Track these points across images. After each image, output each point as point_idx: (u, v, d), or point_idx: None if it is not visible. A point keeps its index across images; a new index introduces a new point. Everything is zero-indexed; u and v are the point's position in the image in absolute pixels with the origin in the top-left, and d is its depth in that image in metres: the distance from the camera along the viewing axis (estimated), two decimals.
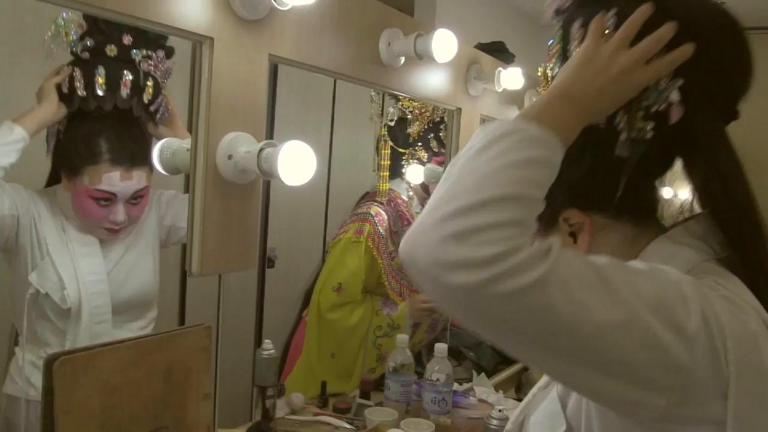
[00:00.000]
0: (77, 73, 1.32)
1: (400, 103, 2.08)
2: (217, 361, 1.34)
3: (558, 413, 0.79)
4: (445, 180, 0.64)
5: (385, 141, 1.97)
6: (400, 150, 2.09)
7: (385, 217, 2.05)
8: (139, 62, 1.36)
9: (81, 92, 1.33)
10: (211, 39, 1.18)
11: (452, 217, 0.59)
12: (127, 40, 1.34)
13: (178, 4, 1.12)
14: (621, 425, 0.71)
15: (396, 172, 2.09)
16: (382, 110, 2.03)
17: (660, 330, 0.61)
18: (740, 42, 0.79)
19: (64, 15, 1.30)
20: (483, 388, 1.96)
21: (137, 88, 1.37)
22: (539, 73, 1.72)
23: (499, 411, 1.54)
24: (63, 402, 1.05)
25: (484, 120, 2.23)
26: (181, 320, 1.69)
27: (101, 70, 1.33)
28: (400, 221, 2.10)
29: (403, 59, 1.67)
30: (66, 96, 1.34)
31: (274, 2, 1.20)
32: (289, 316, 2.15)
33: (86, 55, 1.32)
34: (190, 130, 1.28)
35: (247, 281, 1.99)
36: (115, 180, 1.35)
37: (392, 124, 2.03)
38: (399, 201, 2.11)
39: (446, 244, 0.58)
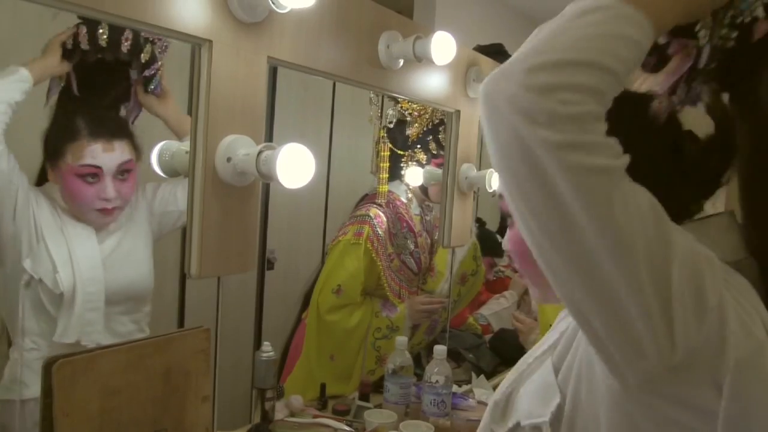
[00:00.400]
0: (82, 29, 1.38)
1: (399, 105, 2.08)
2: (216, 363, 1.34)
3: (552, 385, 0.78)
4: (534, 36, 0.64)
5: (384, 143, 1.97)
6: (399, 152, 2.09)
7: (384, 219, 2.05)
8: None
9: (84, 46, 1.38)
10: (210, 42, 1.18)
11: (541, 69, 0.59)
12: None
13: (177, 6, 1.12)
14: (608, 393, 0.69)
15: (395, 174, 2.09)
16: (382, 112, 2.03)
17: (683, 288, 0.61)
18: None
19: None
20: (482, 390, 1.97)
21: (137, 47, 1.42)
22: None
23: None
24: (62, 404, 1.05)
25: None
26: (180, 322, 1.69)
27: (105, 27, 1.38)
28: (399, 223, 2.10)
29: (402, 61, 1.67)
30: (69, 51, 1.39)
31: (272, 5, 1.20)
32: (289, 318, 2.15)
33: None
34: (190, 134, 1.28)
35: (247, 283, 1.99)
36: (97, 152, 1.37)
37: (391, 126, 2.03)
38: (398, 203, 2.12)
39: (531, 94, 0.58)
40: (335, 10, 1.47)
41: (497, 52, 2.33)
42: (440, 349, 1.71)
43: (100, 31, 1.38)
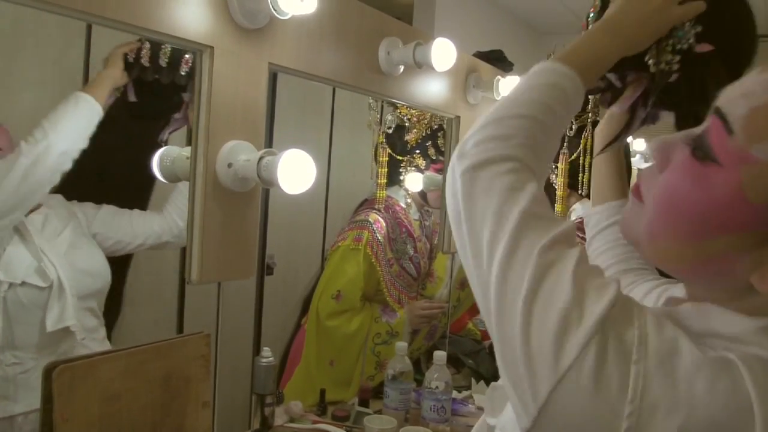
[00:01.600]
0: (146, 45, 1.40)
1: (398, 110, 2.09)
2: (216, 368, 1.34)
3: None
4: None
5: (383, 148, 1.98)
6: (398, 157, 2.10)
7: (384, 225, 2.05)
8: None
9: (145, 62, 1.40)
10: (211, 48, 1.19)
11: (475, 132, 0.71)
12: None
13: (179, 13, 1.12)
14: None
15: (394, 179, 2.10)
16: (381, 118, 2.04)
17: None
18: (747, 15, 0.90)
19: None
20: (482, 396, 1.96)
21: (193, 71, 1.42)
22: None
23: None
24: (62, 410, 1.05)
25: None
26: (180, 328, 1.69)
27: (167, 49, 1.40)
28: (398, 228, 2.10)
29: (402, 68, 1.68)
30: (129, 64, 1.41)
31: (273, 11, 1.20)
32: (288, 323, 2.15)
33: None
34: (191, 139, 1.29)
35: (246, 288, 1.99)
36: None
37: (390, 131, 2.04)
38: (397, 208, 2.12)
39: (464, 147, 0.71)
40: (336, 16, 1.47)
41: (497, 59, 2.33)
42: (440, 355, 1.71)
43: (163, 50, 1.40)
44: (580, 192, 1.86)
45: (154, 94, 1.48)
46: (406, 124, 2.11)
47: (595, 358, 0.55)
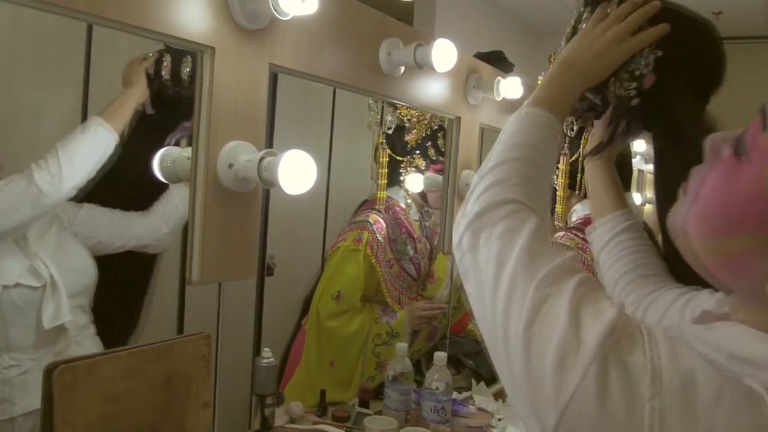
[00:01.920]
0: (167, 58, 1.37)
1: (398, 111, 2.09)
2: (216, 369, 1.34)
3: None
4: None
5: (383, 149, 1.98)
6: (398, 158, 2.09)
7: (384, 225, 2.05)
8: None
9: (165, 76, 1.38)
10: (212, 48, 1.19)
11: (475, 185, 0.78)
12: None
13: (180, 13, 1.12)
14: None
15: (394, 179, 2.10)
16: (381, 118, 2.04)
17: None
18: (711, 38, 0.95)
19: None
20: (482, 397, 1.96)
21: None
22: (539, 82, 1.72)
23: (499, 420, 1.54)
24: (62, 411, 1.05)
25: (483, 129, 2.24)
26: (180, 329, 1.68)
27: (188, 60, 1.37)
28: (398, 229, 2.10)
29: (402, 68, 1.68)
30: (150, 79, 1.39)
31: (274, 12, 1.20)
32: (288, 324, 2.15)
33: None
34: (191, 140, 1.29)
35: (246, 289, 1.99)
36: None
37: (390, 132, 2.04)
38: (397, 209, 2.12)
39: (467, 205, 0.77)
40: (337, 17, 1.47)
41: (497, 60, 2.33)
42: (440, 356, 1.71)
43: (184, 62, 1.38)
44: (578, 192, 1.86)
45: (172, 105, 1.46)
46: (406, 124, 2.11)
47: (596, 386, 0.55)
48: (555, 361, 0.57)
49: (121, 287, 1.60)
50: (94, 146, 1.33)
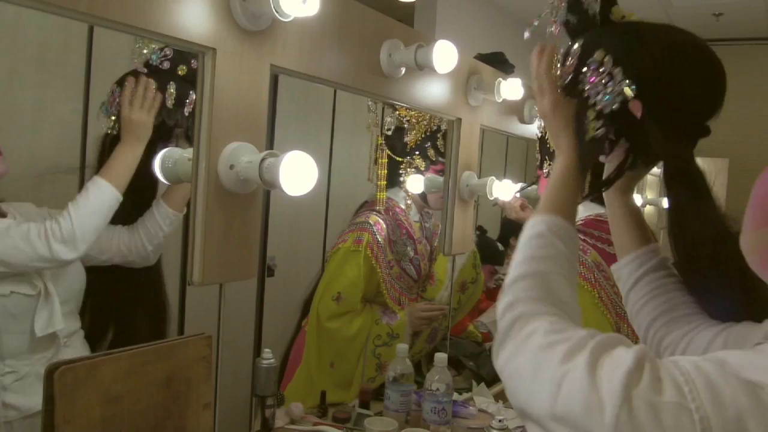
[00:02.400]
0: (170, 87, 1.41)
1: (398, 112, 2.09)
2: (217, 370, 1.34)
3: None
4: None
5: (382, 150, 1.98)
6: (398, 159, 2.09)
7: (384, 226, 2.05)
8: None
9: (169, 105, 1.42)
10: (214, 50, 1.19)
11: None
12: (195, 64, 1.39)
13: (181, 15, 1.13)
14: None
15: (394, 181, 2.10)
16: (382, 119, 2.04)
17: None
18: (693, 61, 0.92)
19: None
20: (483, 398, 1.96)
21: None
22: None
23: (499, 421, 1.54)
24: (64, 411, 1.05)
25: (484, 130, 2.24)
26: (181, 330, 1.68)
27: (173, 86, 1.39)
28: (398, 230, 2.10)
29: (403, 70, 1.68)
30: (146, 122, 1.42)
31: (276, 13, 1.20)
32: (289, 325, 2.15)
33: (166, 65, 1.39)
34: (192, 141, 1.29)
35: (247, 290, 1.99)
36: None
37: (389, 133, 2.04)
38: (397, 210, 2.12)
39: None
40: (338, 18, 1.47)
41: (498, 61, 2.34)
42: (441, 357, 1.71)
43: (169, 90, 1.41)
44: None
45: (172, 125, 1.48)
46: (406, 125, 2.11)
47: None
48: (585, 425, 0.60)
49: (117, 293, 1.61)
50: (101, 208, 1.37)
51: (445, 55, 1.67)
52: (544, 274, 0.80)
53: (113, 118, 1.45)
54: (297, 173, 1.18)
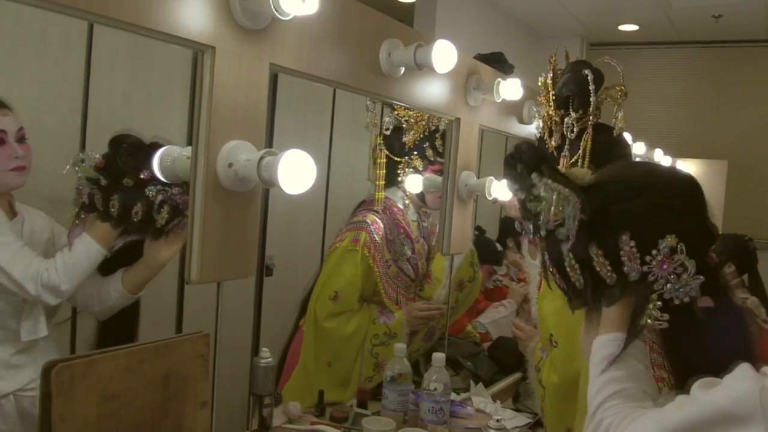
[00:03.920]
0: (97, 194, 1.46)
1: (396, 112, 2.09)
2: (214, 369, 1.33)
3: None
4: None
5: (381, 149, 1.98)
6: (396, 158, 2.09)
7: (381, 226, 2.05)
8: (156, 193, 1.46)
9: (100, 208, 1.46)
10: (213, 48, 1.19)
11: None
12: (144, 174, 1.45)
13: (180, 13, 1.12)
14: None
15: (392, 180, 2.10)
16: (381, 119, 2.03)
17: None
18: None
19: (82, 155, 1.47)
20: (480, 398, 1.96)
21: (149, 217, 1.47)
22: (540, 83, 1.73)
23: (497, 421, 1.54)
24: (60, 409, 1.04)
25: (483, 130, 2.24)
26: (179, 328, 1.68)
27: (116, 197, 1.44)
28: (396, 229, 2.10)
29: (403, 69, 1.68)
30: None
31: (275, 12, 1.20)
32: (287, 324, 2.15)
33: (104, 182, 1.46)
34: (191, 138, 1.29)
35: (245, 289, 1.99)
36: None
37: (388, 132, 2.04)
38: (395, 209, 2.12)
39: None
40: (337, 17, 1.47)
41: (497, 61, 2.34)
42: (439, 357, 1.71)
43: (112, 202, 1.45)
44: None
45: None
46: (404, 125, 2.11)
47: None
48: None
49: None
50: (86, 262, 1.45)
51: (444, 54, 1.67)
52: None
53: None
54: (295, 172, 1.18)
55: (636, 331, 0.91)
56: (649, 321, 0.88)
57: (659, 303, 0.88)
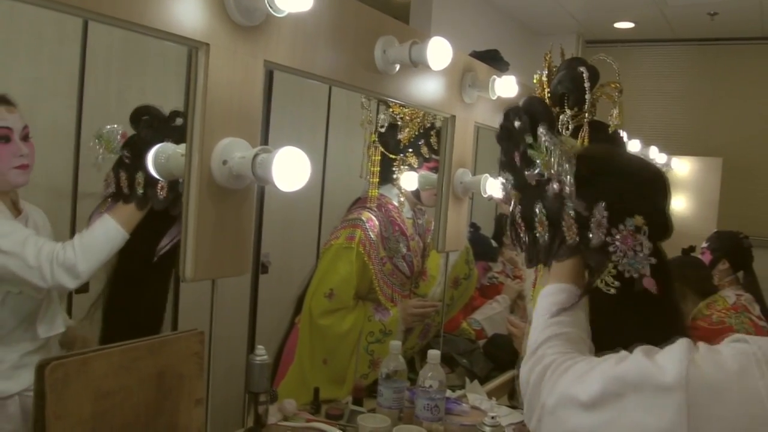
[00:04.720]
0: (122, 175, 1.45)
1: (391, 109, 2.09)
2: (209, 366, 1.33)
3: None
4: None
5: (375, 147, 1.98)
6: (391, 156, 2.09)
7: (377, 223, 2.05)
8: None
9: (125, 191, 1.45)
10: (207, 45, 1.19)
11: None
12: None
13: (175, 10, 1.12)
14: None
15: (387, 177, 2.10)
16: (376, 116, 2.03)
17: None
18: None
19: (108, 127, 1.46)
20: (476, 395, 1.97)
21: (174, 190, 1.45)
22: (534, 81, 1.73)
23: (492, 418, 1.54)
24: (54, 407, 1.04)
25: (478, 128, 2.24)
26: (174, 325, 1.68)
27: (141, 174, 1.42)
28: (391, 227, 2.10)
29: (398, 66, 1.68)
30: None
31: (270, 9, 1.20)
32: (282, 321, 2.15)
33: (128, 159, 1.44)
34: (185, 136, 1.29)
35: (240, 286, 1.99)
36: (3, 114, 1.39)
37: (383, 130, 2.04)
38: (390, 206, 2.12)
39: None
40: (332, 14, 1.47)
41: (493, 58, 2.34)
42: (434, 354, 1.71)
43: (137, 179, 1.44)
44: None
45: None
46: (399, 123, 2.11)
47: None
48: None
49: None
50: (106, 245, 1.41)
51: (439, 52, 1.67)
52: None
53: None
54: (290, 169, 1.18)
55: (590, 288, 1.01)
56: (600, 284, 0.98)
57: (614, 271, 0.97)
